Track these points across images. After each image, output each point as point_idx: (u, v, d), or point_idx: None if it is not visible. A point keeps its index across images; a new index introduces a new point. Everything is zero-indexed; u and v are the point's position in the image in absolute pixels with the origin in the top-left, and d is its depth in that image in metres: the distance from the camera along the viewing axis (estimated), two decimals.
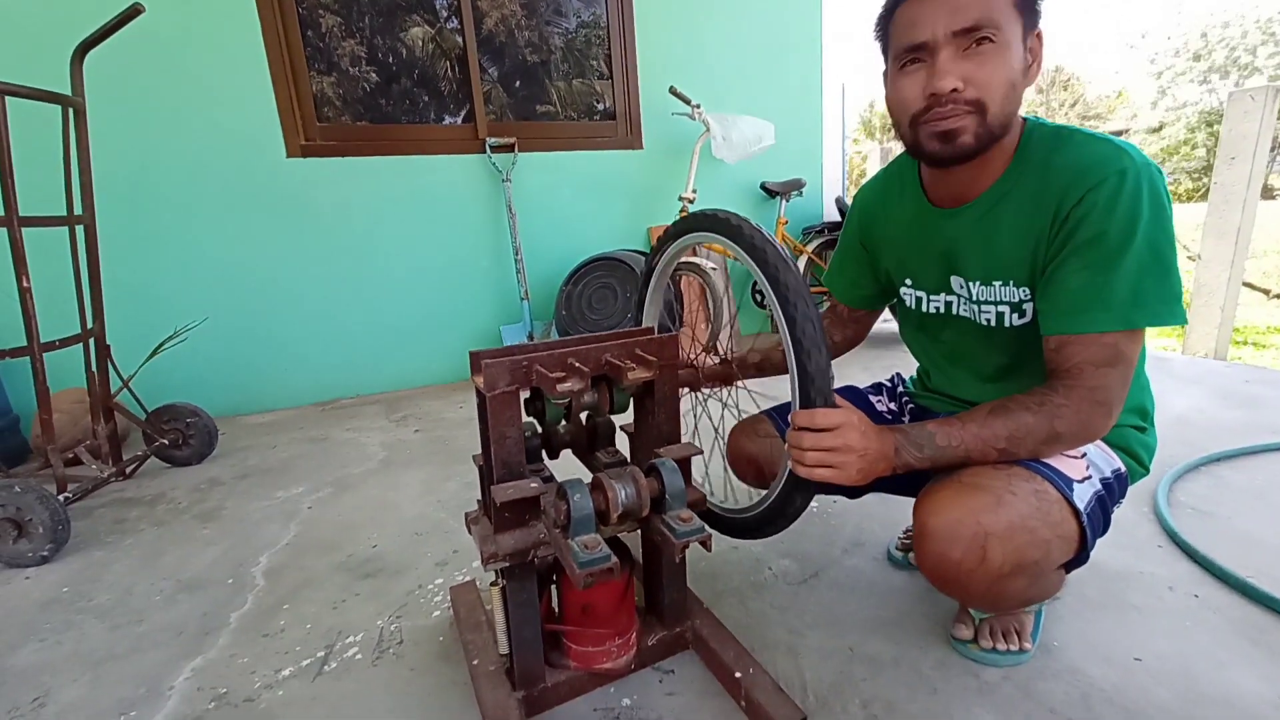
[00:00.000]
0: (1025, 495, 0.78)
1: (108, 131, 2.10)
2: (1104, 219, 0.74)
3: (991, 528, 0.75)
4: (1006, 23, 0.74)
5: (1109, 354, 0.76)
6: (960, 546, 0.75)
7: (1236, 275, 2.93)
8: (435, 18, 2.76)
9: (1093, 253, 0.75)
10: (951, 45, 0.75)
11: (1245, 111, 2.75)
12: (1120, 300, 0.75)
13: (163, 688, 1.02)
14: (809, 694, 0.93)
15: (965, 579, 0.77)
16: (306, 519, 1.61)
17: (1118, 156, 0.75)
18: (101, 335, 1.82)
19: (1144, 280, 0.74)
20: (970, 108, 0.77)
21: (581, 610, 0.92)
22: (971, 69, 0.75)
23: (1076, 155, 0.78)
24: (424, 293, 2.78)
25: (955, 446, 0.79)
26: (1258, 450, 1.63)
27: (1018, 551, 0.76)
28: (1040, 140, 0.82)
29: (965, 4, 0.74)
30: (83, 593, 1.32)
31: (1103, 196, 0.74)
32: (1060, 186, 0.78)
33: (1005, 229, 0.84)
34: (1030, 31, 0.77)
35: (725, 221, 0.91)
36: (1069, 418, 0.77)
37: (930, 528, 0.78)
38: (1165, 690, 0.90)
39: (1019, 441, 0.78)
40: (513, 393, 0.80)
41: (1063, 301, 0.78)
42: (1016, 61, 0.76)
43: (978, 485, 0.78)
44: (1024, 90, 0.79)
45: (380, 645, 1.10)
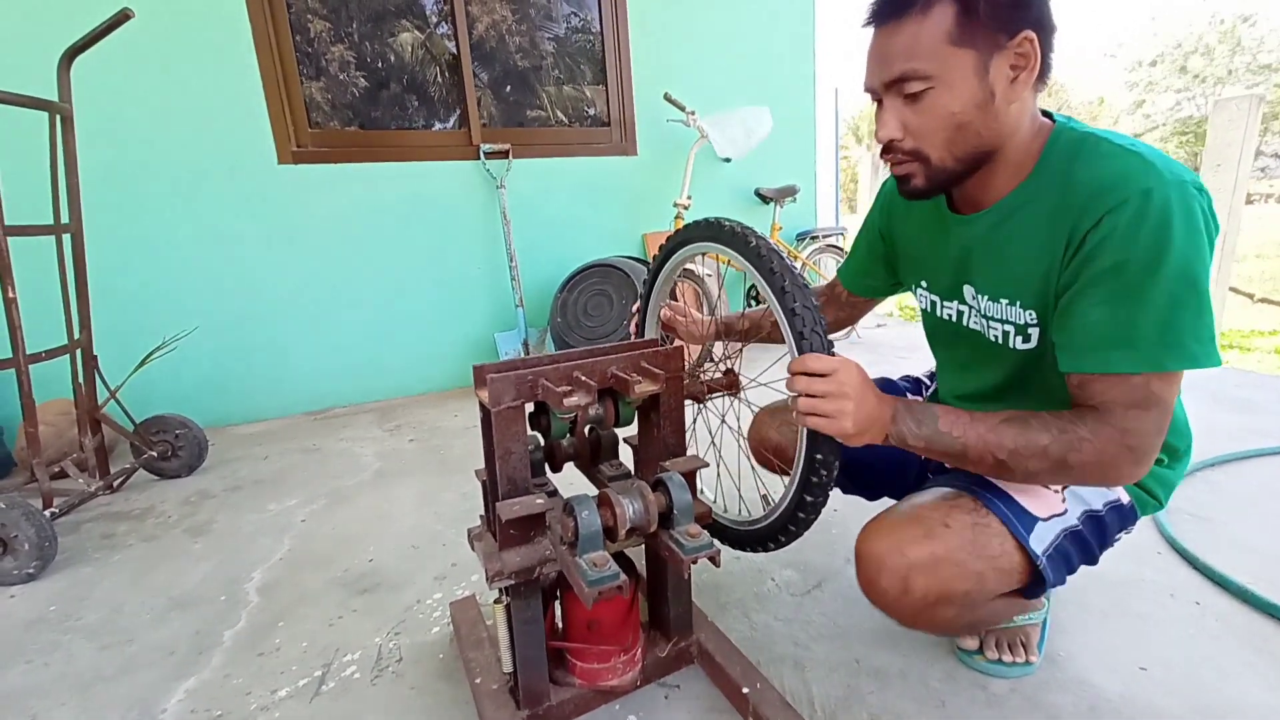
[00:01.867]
0: (961, 528, 0.78)
1: (96, 138, 2.07)
2: (1126, 245, 0.66)
3: (915, 559, 0.76)
4: (942, 65, 0.69)
5: (1139, 395, 0.69)
6: (886, 576, 0.77)
7: (1223, 280, 2.97)
8: (425, 23, 2.74)
9: (1114, 283, 0.67)
10: (891, 94, 0.74)
11: (1230, 120, 2.80)
12: (1147, 338, 0.66)
13: (155, 710, 1.00)
14: (817, 709, 0.92)
15: (891, 606, 0.79)
16: (300, 532, 1.58)
17: (1144, 173, 0.67)
18: (89, 346, 1.78)
19: (1176, 315, 0.66)
20: (910, 157, 0.76)
21: (586, 626, 0.90)
22: (909, 115, 0.74)
23: (1099, 170, 0.70)
24: (418, 300, 2.75)
25: (956, 437, 0.74)
26: (1252, 455, 1.64)
27: (942, 583, 0.76)
28: (1064, 148, 0.75)
29: (890, 55, 0.72)
30: (70, 611, 1.28)
31: (1123, 220, 0.66)
32: (1078, 205, 0.70)
33: (1017, 243, 0.78)
34: (998, 52, 0.69)
35: (724, 229, 0.90)
36: (1088, 454, 0.69)
37: (861, 555, 0.81)
38: (1172, 700, 0.90)
39: (1021, 459, 0.71)
40: (518, 408, 0.79)
41: (1081, 336, 0.71)
42: (963, 100, 0.71)
43: (913, 517, 0.80)
44: (1008, 105, 0.72)
45: (379, 663, 1.08)
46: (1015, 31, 0.69)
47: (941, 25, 0.69)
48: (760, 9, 3.22)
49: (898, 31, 0.71)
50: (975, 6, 0.68)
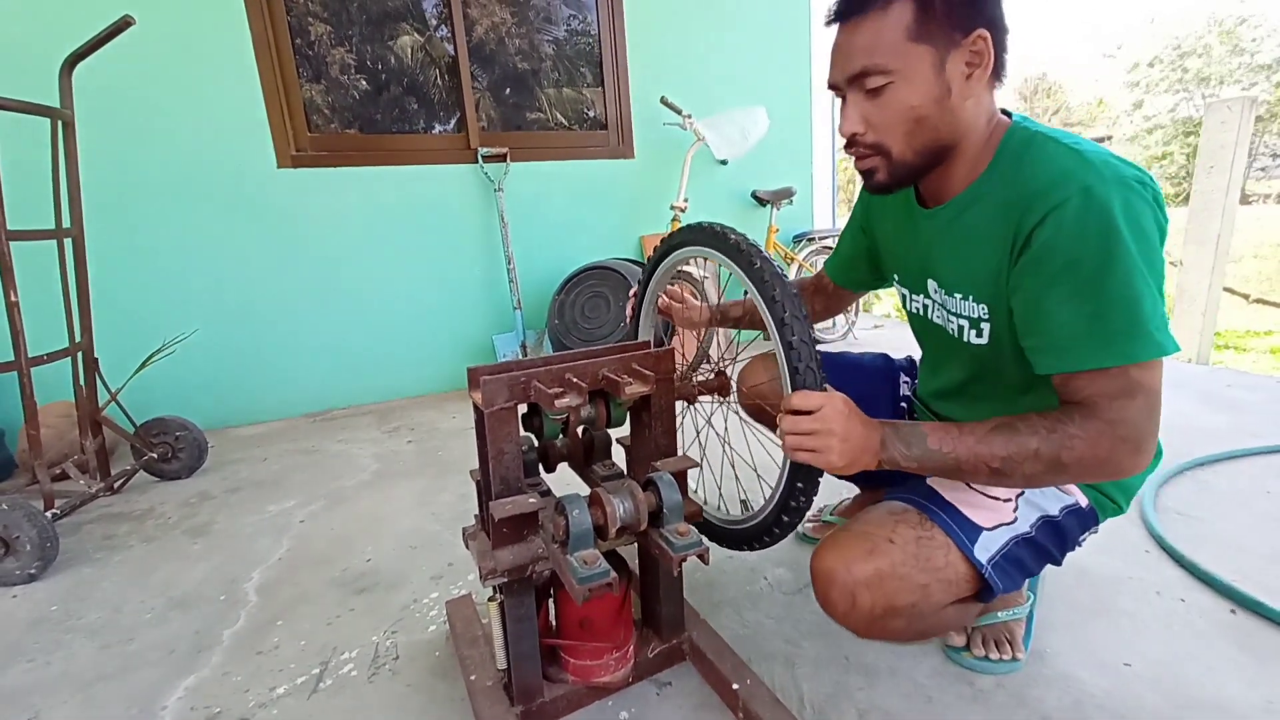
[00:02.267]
0: (905, 542, 0.80)
1: (97, 144, 2.08)
2: (1076, 244, 0.68)
3: (859, 576, 0.78)
4: (902, 60, 0.72)
5: (1121, 385, 0.69)
6: (835, 591, 0.80)
7: (1217, 281, 2.98)
8: (425, 26, 2.76)
9: (1073, 281, 0.69)
10: (854, 89, 0.77)
11: (1222, 121, 2.82)
12: (1116, 331, 0.68)
13: (155, 708, 1.01)
14: (806, 705, 0.94)
15: (843, 620, 0.81)
16: (299, 533, 1.59)
17: (1084, 172, 0.69)
18: (90, 349, 1.80)
19: (1137, 307, 0.68)
20: (871, 150, 0.79)
21: (579, 624, 0.92)
22: (871, 110, 0.76)
23: (1043, 168, 0.73)
24: (416, 302, 2.77)
25: (946, 453, 0.74)
26: (1240, 455, 1.66)
27: (887, 597, 0.78)
28: (1015, 146, 0.78)
29: (852, 51, 0.75)
30: (72, 611, 1.30)
31: (1068, 217, 0.69)
32: (1024, 202, 0.73)
33: (971, 237, 0.81)
34: (954, 48, 0.72)
35: (717, 234, 0.92)
36: (1080, 450, 0.70)
37: (814, 572, 0.83)
38: (1156, 695, 0.91)
39: (1016, 465, 0.72)
40: (510, 409, 0.81)
41: (1053, 337, 0.72)
42: (922, 94, 0.74)
43: (859, 533, 0.82)
44: (965, 101, 0.75)
45: (376, 661, 1.09)
46: (970, 29, 0.72)
47: (901, 22, 0.72)
48: (756, 12, 3.24)
49: (859, 28, 0.74)
50: (932, 4, 0.71)
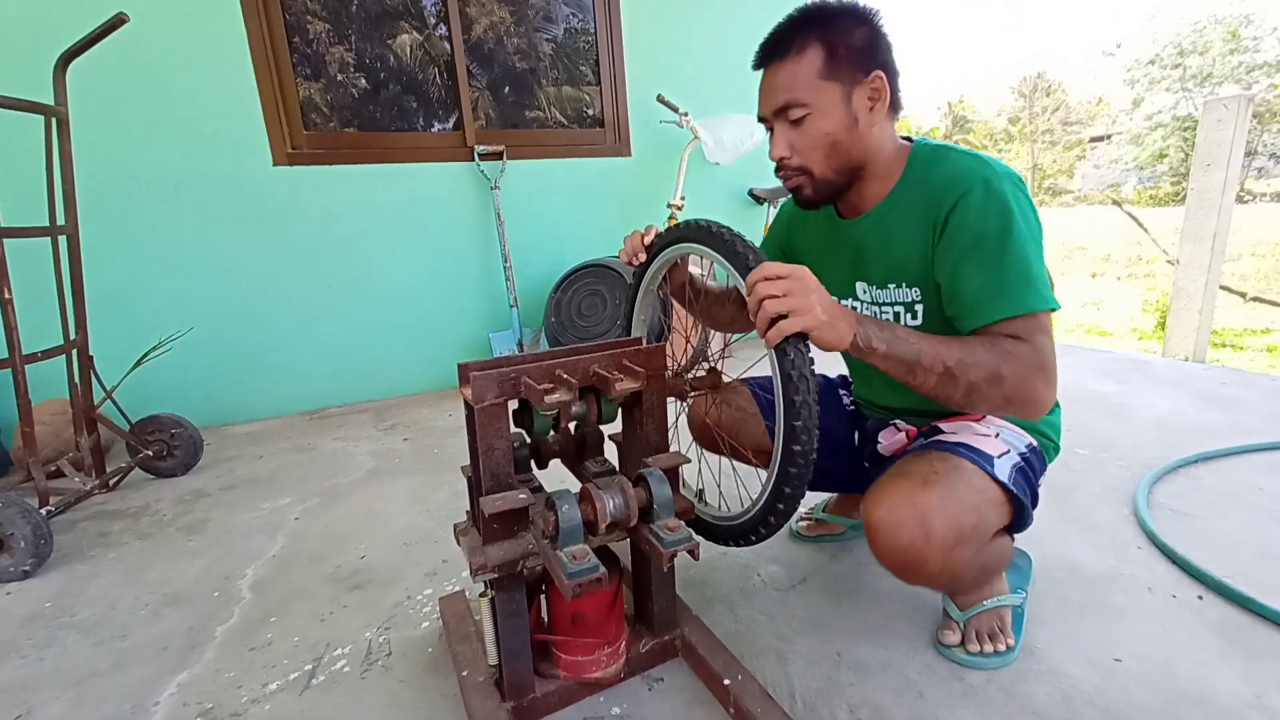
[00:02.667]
0: (946, 472, 0.87)
1: (91, 141, 2.08)
2: (980, 222, 0.84)
3: (927, 504, 0.82)
4: (816, 94, 0.88)
5: (1030, 327, 0.83)
6: (906, 529, 0.82)
7: (1214, 279, 2.99)
8: (423, 24, 2.76)
9: (979, 253, 0.84)
10: (779, 121, 0.92)
11: (1219, 120, 2.82)
12: (1015, 289, 0.82)
13: (148, 704, 1.01)
14: (797, 700, 0.94)
15: (917, 558, 0.83)
16: (294, 530, 1.60)
17: (981, 169, 0.86)
18: (84, 346, 1.80)
19: (1029, 270, 0.82)
20: (798, 171, 0.94)
21: (571, 620, 0.92)
22: (795, 137, 0.92)
23: (948, 169, 0.89)
24: (412, 300, 2.77)
25: (912, 344, 0.81)
26: (1235, 452, 1.66)
27: (955, 520, 0.83)
28: (921, 159, 0.94)
29: (776, 89, 0.91)
30: (65, 608, 1.30)
31: (974, 202, 0.84)
32: (938, 196, 0.88)
33: (897, 235, 0.94)
34: (857, 85, 0.89)
35: (711, 232, 0.92)
36: (1015, 366, 0.80)
37: (876, 519, 0.85)
38: (1145, 691, 0.92)
39: (966, 368, 0.80)
40: (500, 405, 0.81)
41: (969, 301, 0.86)
42: (834, 123, 0.89)
43: (905, 473, 0.88)
44: (870, 129, 0.91)
45: (369, 657, 1.09)
46: (869, 70, 0.89)
47: (813, 64, 0.88)
48: (753, 11, 3.24)
49: (780, 70, 0.90)
50: (837, 50, 0.87)
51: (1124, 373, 2.48)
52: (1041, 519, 1.40)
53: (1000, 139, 26.82)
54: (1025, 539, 1.33)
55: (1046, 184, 23.86)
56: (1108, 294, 7.36)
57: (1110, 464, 1.66)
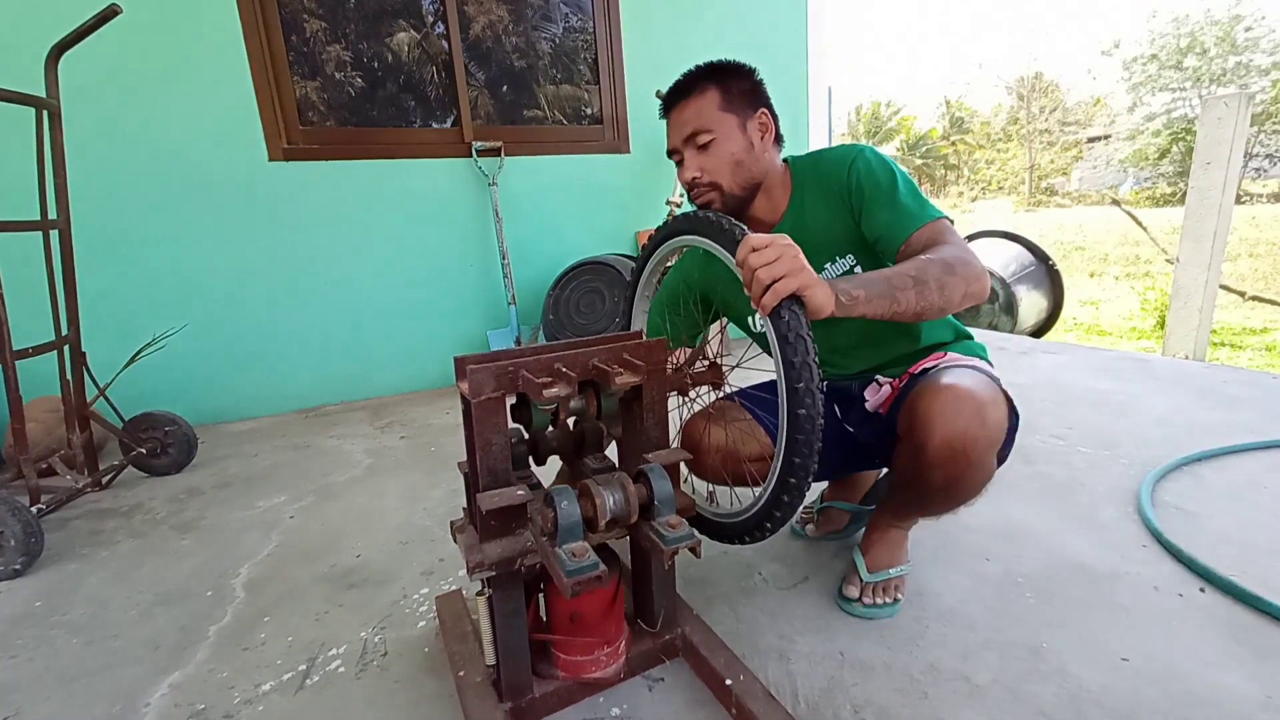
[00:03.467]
0: (976, 377, 0.98)
1: (83, 134, 2.06)
2: (871, 175, 1.05)
3: (980, 395, 0.92)
4: (718, 123, 1.06)
5: (938, 230, 1.00)
6: (964, 416, 0.90)
7: (1213, 278, 2.98)
8: (421, 23, 2.74)
9: (881, 196, 1.04)
10: (688, 148, 1.08)
11: (1219, 118, 2.82)
12: (912, 208, 1.02)
13: (138, 705, 0.99)
14: (800, 700, 0.92)
15: (970, 446, 0.90)
16: (288, 529, 1.58)
17: (851, 146, 1.10)
18: (77, 342, 1.78)
19: (913, 196, 1.04)
20: (710, 187, 1.09)
21: (569, 619, 0.90)
22: (703, 160, 1.08)
23: (828, 157, 1.12)
24: (409, 298, 2.75)
25: (878, 280, 0.89)
26: (1238, 450, 1.65)
27: (998, 412, 0.93)
28: (803, 166, 1.15)
29: (686, 119, 1.07)
30: (56, 607, 1.28)
31: (862, 164, 1.06)
32: (834, 176, 1.08)
33: (816, 222, 1.10)
34: (749, 118, 1.08)
35: (711, 223, 0.91)
36: (950, 252, 0.94)
37: (934, 412, 0.92)
38: (1153, 690, 0.90)
39: (925, 270, 0.91)
40: (498, 399, 0.79)
41: (885, 230, 1.03)
42: (735, 145, 1.07)
43: (944, 383, 0.95)
44: (764, 154, 1.10)
45: (364, 657, 1.07)
46: (756, 108, 1.09)
47: (713, 100, 1.06)
48: (754, 9, 3.22)
49: (686, 107, 1.07)
50: (730, 91, 1.07)
51: (1124, 371, 2.47)
52: (1045, 517, 1.40)
53: (998, 139, 26.85)
54: (1029, 535, 1.32)
55: (1044, 184, 23.89)
56: (1105, 294, 7.36)
57: (1113, 462, 1.65)
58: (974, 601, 1.13)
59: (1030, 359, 2.73)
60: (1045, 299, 3.95)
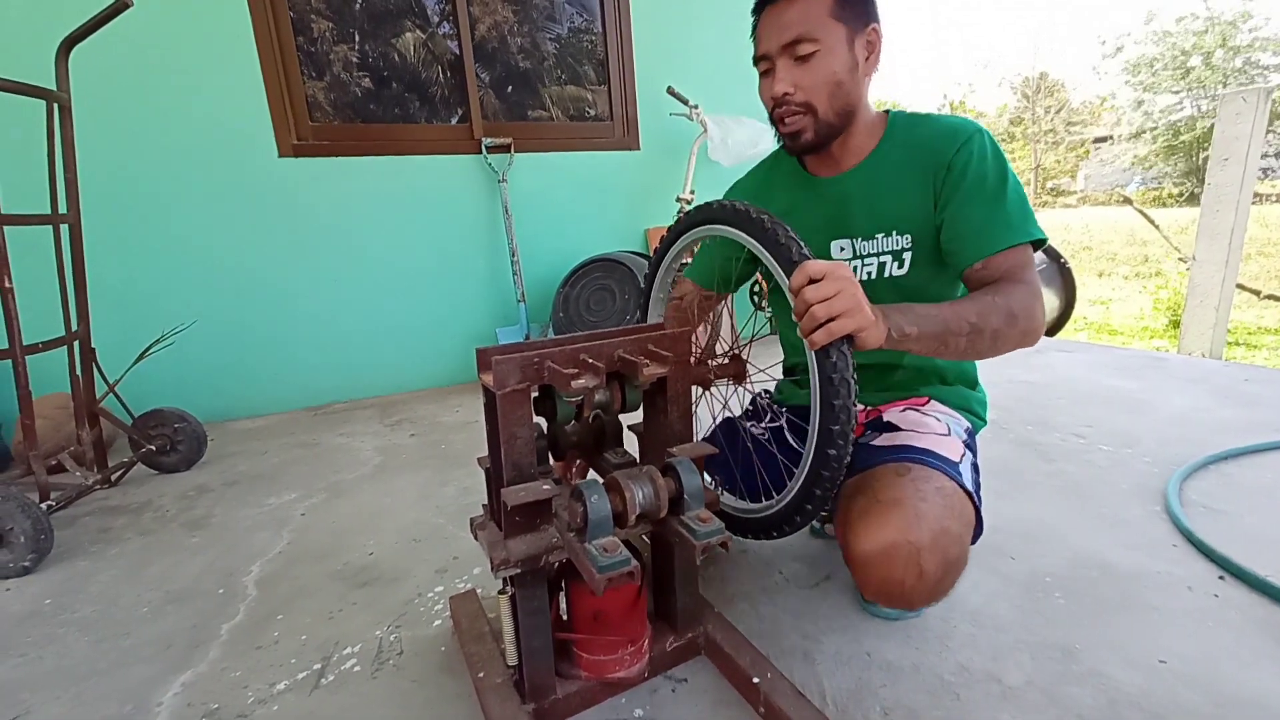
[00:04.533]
0: (933, 498, 0.85)
1: (94, 128, 2.05)
2: (981, 164, 0.93)
3: (920, 542, 0.80)
4: (826, 32, 0.92)
5: (1026, 259, 0.93)
6: (899, 567, 0.80)
7: (1230, 276, 2.95)
8: (427, 23, 2.72)
9: (982, 192, 0.93)
10: (784, 56, 0.94)
11: (1237, 113, 2.78)
12: (1015, 219, 0.93)
13: (150, 704, 0.97)
14: (829, 702, 0.90)
15: (909, 595, 0.82)
16: (299, 526, 1.56)
17: (969, 123, 0.97)
18: (86, 338, 1.76)
19: (1022, 207, 0.94)
20: (802, 109, 0.96)
21: (593, 617, 0.88)
22: (800, 74, 0.94)
23: (938, 126, 0.99)
24: (418, 295, 2.73)
25: (934, 316, 0.84)
26: (1264, 448, 1.62)
27: (943, 554, 0.81)
28: (901, 122, 1.03)
29: (788, 22, 0.92)
30: (65, 605, 1.26)
31: (975, 148, 0.94)
32: (935, 148, 0.96)
33: (889, 186, 1.00)
34: (859, 33, 0.94)
35: (739, 212, 0.88)
36: (1020, 300, 0.88)
37: (866, 556, 0.82)
38: (1193, 693, 0.88)
39: (986, 317, 0.86)
40: (523, 391, 0.77)
41: (973, 231, 0.93)
42: (840, 63, 0.94)
43: (891, 502, 0.84)
44: (864, 79, 0.98)
45: (379, 656, 1.05)
46: (869, 21, 0.96)
47: (825, 3, 0.92)
48: None
49: (791, 6, 0.92)
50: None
51: (1141, 369, 2.44)
52: (1068, 516, 1.37)
53: (1002, 139, 26.78)
54: (1053, 534, 1.29)
55: (1050, 184, 23.81)
56: (1114, 293, 7.32)
57: (1135, 460, 1.62)
58: (1002, 601, 1.10)
59: (1044, 357, 2.70)
60: (1057, 297, 3.91)
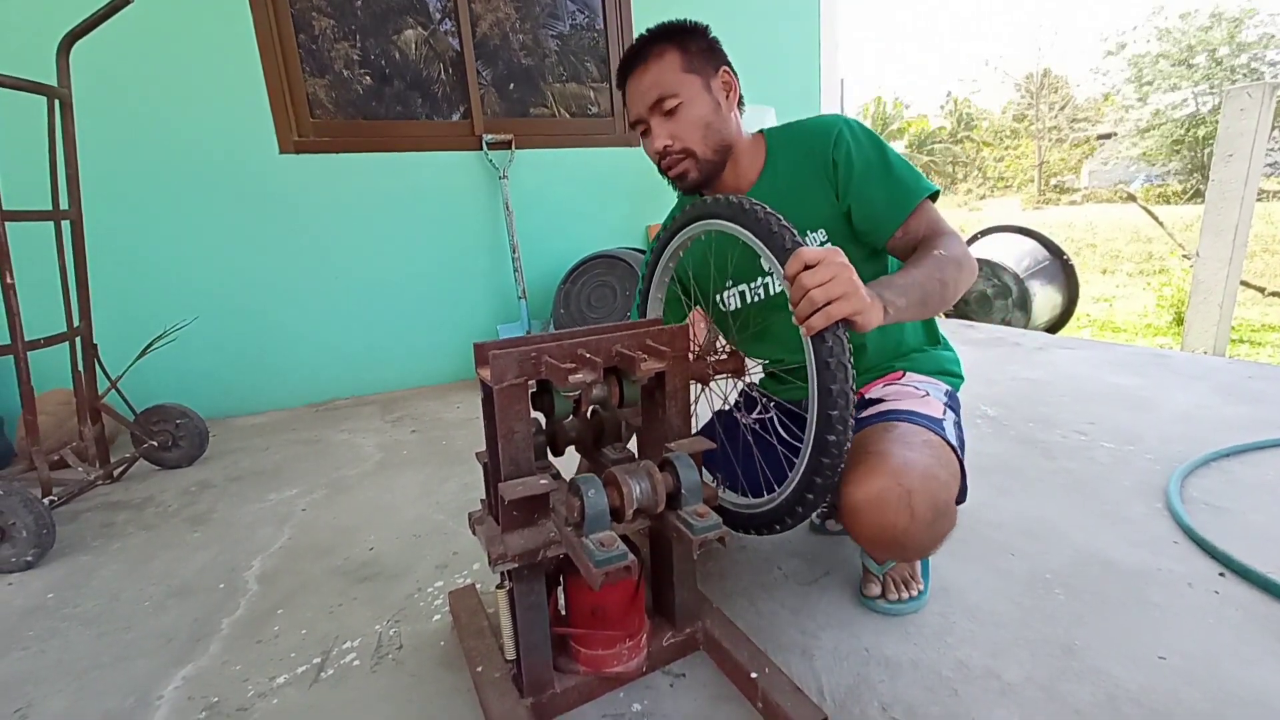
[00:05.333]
0: (920, 449, 0.89)
1: (95, 124, 2.05)
2: (859, 150, 1.01)
3: (910, 485, 0.83)
4: (682, 86, 1.01)
5: (933, 212, 1.01)
6: (890, 511, 0.82)
7: (1234, 272, 2.93)
8: (429, 20, 2.72)
9: (871, 172, 1.01)
10: (655, 115, 1.03)
11: (1242, 109, 2.76)
12: (910, 183, 1.00)
13: (151, 697, 0.98)
14: (826, 697, 0.90)
15: (902, 538, 0.84)
16: (301, 522, 1.56)
17: (832, 118, 1.06)
18: (88, 334, 1.77)
19: (907, 170, 1.02)
20: (683, 154, 1.04)
21: (591, 612, 0.88)
22: (672, 126, 1.03)
23: (809, 128, 1.07)
24: (420, 291, 2.73)
25: (912, 286, 0.87)
26: (1267, 445, 1.61)
27: (933, 498, 0.84)
28: (777, 135, 1.11)
29: (648, 86, 1.02)
30: (68, 599, 1.27)
31: (847, 137, 1.02)
32: (815, 145, 1.04)
33: (790, 193, 1.06)
34: (712, 78, 1.04)
35: (734, 205, 0.88)
36: (953, 247, 0.94)
37: (859, 503, 0.84)
38: (1193, 690, 0.87)
39: (944, 270, 0.90)
40: (521, 385, 0.77)
41: (881, 207, 1.01)
42: (703, 108, 1.03)
43: (881, 454, 0.88)
44: (730, 115, 1.06)
45: (379, 651, 1.06)
46: (718, 66, 1.06)
47: (674, 63, 1.02)
48: (765, 5, 3.19)
49: (646, 73, 1.02)
50: (689, 50, 1.03)
51: (1144, 366, 2.43)
52: (1070, 513, 1.37)
53: (1006, 136, 26.65)
54: (1054, 531, 1.29)
55: (1054, 181, 23.71)
56: (1118, 290, 7.29)
57: (1138, 457, 1.61)
58: (1001, 598, 1.10)
59: (1046, 354, 2.69)
60: (1059, 294, 3.90)
